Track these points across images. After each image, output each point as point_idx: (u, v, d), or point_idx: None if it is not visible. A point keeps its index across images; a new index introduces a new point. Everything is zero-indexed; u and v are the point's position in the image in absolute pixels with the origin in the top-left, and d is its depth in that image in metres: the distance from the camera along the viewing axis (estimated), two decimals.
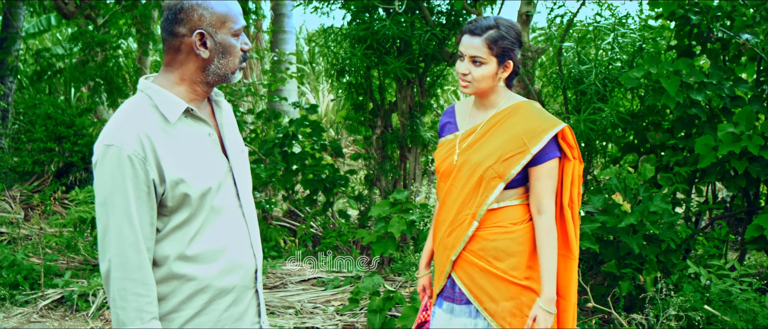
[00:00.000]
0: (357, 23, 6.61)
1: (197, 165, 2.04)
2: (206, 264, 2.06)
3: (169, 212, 2.01)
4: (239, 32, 2.08)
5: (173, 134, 2.02)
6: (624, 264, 4.54)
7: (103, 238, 1.96)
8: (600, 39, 5.86)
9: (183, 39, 2.02)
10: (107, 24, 9.57)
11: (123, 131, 1.95)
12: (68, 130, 8.45)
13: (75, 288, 5.05)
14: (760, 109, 4.70)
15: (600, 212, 4.39)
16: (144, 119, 1.98)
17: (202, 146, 2.09)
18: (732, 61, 5.28)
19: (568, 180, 2.71)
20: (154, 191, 1.96)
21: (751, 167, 4.53)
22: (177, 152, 2.00)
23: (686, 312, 4.07)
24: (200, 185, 2.02)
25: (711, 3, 4.94)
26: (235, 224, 2.15)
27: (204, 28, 2.01)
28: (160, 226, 2.02)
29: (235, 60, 2.09)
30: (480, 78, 2.65)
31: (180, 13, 2.01)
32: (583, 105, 5.37)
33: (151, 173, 1.94)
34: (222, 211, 2.10)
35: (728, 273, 4.25)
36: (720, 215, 5.72)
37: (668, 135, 5.13)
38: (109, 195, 1.94)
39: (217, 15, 2.02)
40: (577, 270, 2.80)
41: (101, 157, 1.94)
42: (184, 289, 2.04)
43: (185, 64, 2.06)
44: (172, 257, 2.02)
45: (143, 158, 1.93)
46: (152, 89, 2.04)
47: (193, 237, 2.04)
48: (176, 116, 2.02)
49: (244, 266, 2.16)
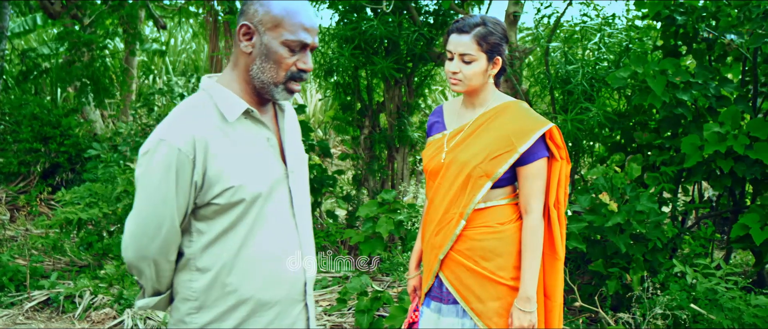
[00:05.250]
0: (345, 23, 6.60)
1: (250, 169, 1.98)
2: (250, 275, 2.01)
3: (215, 214, 1.97)
4: (293, 45, 1.97)
5: (230, 134, 1.97)
6: (611, 263, 4.56)
7: (140, 226, 1.95)
8: (587, 39, 5.88)
9: (239, 30, 1.99)
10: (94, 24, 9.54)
11: (178, 128, 1.91)
12: (54, 130, 8.40)
13: (61, 290, 5.02)
14: (745, 108, 4.73)
15: (587, 212, 4.40)
16: (202, 118, 1.95)
17: (259, 150, 2.03)
18: (717, 61, 5.31)
19: (555, 180, 2.71)
20: (192, 193, 1.94)
21: (737, 167, 4.55)
22: (231, 154, 1.95)
23: (672, 310, 4.09)
24: (251, 189, 1.96)
25: (696, 3, 4.97)
26: (286, 234, 2.08)
27: (253, 22, 1.96)
28: (205, 229, 1.99)
29: (278, 71, 1.99)
30: (471, 75, 2.65)
31: (244, 5, 1.99)
32: (570, 105, 5.39)
33: (195, 174, 1.91)
34: (272, 219, 2.03)
35: (714, 272, 4.28)
36: (706, 215, 5.75)
37: (655, 135, 5.16)
38: (153, 189, 1.91)
39: (272, 16, 1.95)
40: (563, 270, 2.80)
41: (152, 149, 1.90)
42: (228, 299, 2.00)
43: (238, 59, 2.02)
44: (218, 264, 1.99)
45: (192, 159, 1.90)
46: (213, 88, 2.01)
47: (239, 245, 1.99)
48: (235, 116, 1.98)
49: (292, 278, 2.09)
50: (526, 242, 2.66)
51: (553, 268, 2.77)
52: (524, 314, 2.64)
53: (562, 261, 2.78)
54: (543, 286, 2.78)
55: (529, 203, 2.66)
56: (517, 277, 2.69)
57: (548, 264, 2.77)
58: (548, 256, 2.76)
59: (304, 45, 1.99)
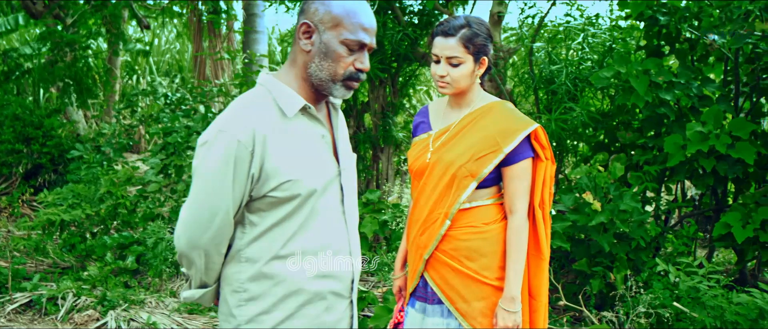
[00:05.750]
0: None
1: (307, 164, 2.01)
2: (300, 266, 2.03)
3: (269, 207, 1.99)
4: (352, 45, 2.00)
5: (288, 130, 2.00)
6: (595, 262, 4.58)
7: (194, 216, 1.97)
8: (570, 39, 5.91)
9: (299, 28, 2.02)
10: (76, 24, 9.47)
11: (239, 120, 1.94)
12: (37, 131, 8.33)
13: (44, 292, 4.98)
14: (727, 108, 4.77)
15: (571, 211, 4.42)
16: (262, 112, 1.98)
17: (315, 146, 2.06)
18: (700, 61, 5.35)
19: (540, 181, 2.72)
20: (249, 185, 1.95)
21: (719, 166, 4.59)
22: (289, 149, 1.98)
23: (656, 309, 4.12)
24: (307, 184, 1.99)
25: (679, 4, 5.01)
26: (336, 230, 2.11)
27: (313, 21, 2.00)
28: (258, 221, 2.01)
29: (337, 69, 2.02)
30: (459, 78, 2.65)
31: (305, 4, 2.02)
32: (554, 105, 5.42)
33: (253, 167, 1.93)
34: (324, 214, 2.06)
35: (697, 271, 4.31)
36: (689, 213, 5.79)
37: (638, 134, 5.19)
38: (210, 178, 1.93)
39: (333, 15, 1.99)
40: (547, 270, 2.81)
41: (211, 140, 1.93)
42: (277, 290, 2.02)
43: (297, 57, 2.05)
44: (267, 255, 2.01)
45: (251, 151, 1.92)
46: (272, 83, 2.04)
47: (290, 237, 2.01)
48: (294, 111, 2.01)
49: (341, 273, 2.11)
50: (511, 243, 2.67)
51: (538, 268, 2.78)
52: (509, 314, 2.64)
53: (547, 260, 2.78)
54: (528, 286, 2.78)
55: (514, 204, 2.67)
56: (501, 277, 2.69)
57: (533, 264, 2.78)
58: (533, 256, 2.77)
59: (362, 45, 2.02)
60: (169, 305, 4.93)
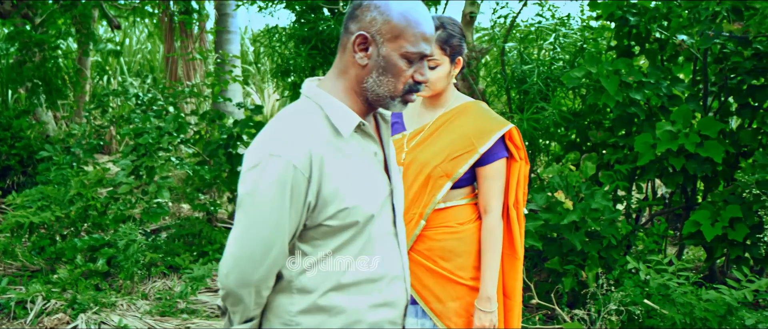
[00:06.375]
0: (301, 23, 6.58)
1: (363, 188, 1.84)
2: (358, 297, 1.86)
3: (324, 236, 1.82)
4: (414, 57, 1.82)
5: (344, 150, 1.81)
6: (567, 260, 4.62)
7: (246, 251, 1.77)
8: (542, 39, 5.95)
9: (350, 37, 1.83)
10: (45, 23, 9.35)
11: (291, 141, 1.74)
12: (5, 132, 8.21)
13: (12, 295, 4.90)
14: (696, 107, 4.83)
15: (543, 210, 4.45)
16: (314, 130, 1.78)
17: (369, 166, 1.88)
18: (669, 61, 5.42)
19: (514, 180, 2.74)
20: (305, 214, 1.77)
21: (688, 164, 4.65)
22: (346, 173, 1.80)
23: (627, 306, 4.16)
24: (365, 210, 1.82)
25: (648, 5, 5.06)
26: (391, 254, 1.94)
27: (370, 32, 1.80)
28: (311, 251, 1.83)
29: (397, 84, 1.83)
30: (436, 80, 2.66)
31: (357, 9, 1.83)
32: (527, 104, 5.45)
33: (310, 195, 1.74)
34: (379, 239, 1.89)
35: (667, 268, 4.36)
36: (659, 212, 5.86)
37: (609, 133, 5.24)
38: (263, 208, 1.73)
39: (393, 26, 1.79)
40: (522, 269, 2.83)
41: (263, 165, 1.72)
42: (332, 322, 1.85)
43: (348, 69, 1.85)
44: (323, 286, 1.83)
45: (308, 178, 1.73)
46: (324, 98, 1.84)
47: (348, 266, 1.84)
48: (349, 130, 1.82)
49: (397, 300, 1.95)
50: (486, 242, 2.68)
51: (513, 267, 2.79)
52: (485, 314, 2.65)
53: (521, 260, 2.80)
54: (502, 285, 2.80)
55: (489, 203, 2.68)
56: (476, 277, 2.70)
57: (508, 264, 2.79)
58: (508, 256, 2.78)
59: (423, 56, 1.85)
60: (140, 307, 4.88)
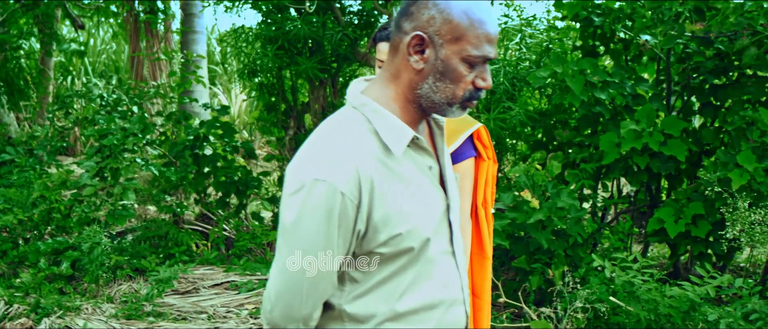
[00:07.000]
0: (268, 23, 6.55)
1: (419, 211, 1.64)
2: (417, 325, 1.69)
3: (376, 263, 1.65)
4: (476, 61, 1.59)
5: (395, 170, 1.61)
6: (534, 259, 4.65)
7: (292, 284, 1.61)
8: (508, 39, 5.98)
9: (403, 38, 1.61)
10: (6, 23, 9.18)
11: (337, 162, 1.54)
12: None
13: None
14: (659, 107, 4.89)
15: (510, 209, 4.48)
16: (363, 149, 1.58)
17: (424, 183, 1.68)
18: (633, 60, 5.48)
19: (483, 180, 2.73)
20: (354, 241, 1.60)
21: (652, 163, 4.71)
22: (397, 194, 1.60)
23: (592, 304, 4.19)
24: (420, 234, 1.63)
25: (613, 5, 5.12)
26: (449, 276, 1.75)
27: (427, 32, 1.57)
28: (361, 279, 1.65)
29: (456, 91, 1.61)
30: None
31: (413, 6, 1.60)
32: (493, 104, 5.47)
33: (359, 222, 1.57)
34: (436, 261, 1.70)
35: (632, 265, 4.41)
36: (624, 210, 5.92)
37: (574, 133, 5.29)
38: (309, 239, 1.56)
39: (454, 25, 1.56)
40: (491, 269, 2.82)
41: (306, 190, 1.54)
42: None
43: (400, 73, 1.64)
44: (378, 315, 1.66)
45: (357, 205, 1.55)
46: (372, 110, 1.64)
47: (403, 292, 1.66)
48: (402, 147, 1.61)
49: (456, 326, 1.77)
50: None
51: (482, 267, 2.78)
52: None
53: (490, 259, 2.79)
54: (471, 285, 2.80)
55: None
56: None
57: (477, 263, 2.78)
58: (477, 255, 2.77)
59: (486, 59, 1.62)
60: (106, 311, 4.82)
